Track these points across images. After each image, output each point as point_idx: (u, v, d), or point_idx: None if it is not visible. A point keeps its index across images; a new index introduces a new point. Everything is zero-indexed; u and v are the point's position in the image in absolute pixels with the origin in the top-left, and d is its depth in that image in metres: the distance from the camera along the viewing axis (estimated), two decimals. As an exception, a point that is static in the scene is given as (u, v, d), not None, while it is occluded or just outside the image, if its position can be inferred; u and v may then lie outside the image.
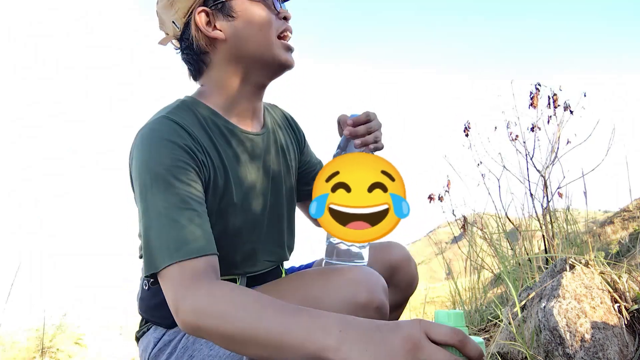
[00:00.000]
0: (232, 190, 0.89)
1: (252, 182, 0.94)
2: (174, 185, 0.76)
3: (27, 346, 6.00)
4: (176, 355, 0.85)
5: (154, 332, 0.92)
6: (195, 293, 0.68)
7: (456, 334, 0.53)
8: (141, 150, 0.80)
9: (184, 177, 0.77)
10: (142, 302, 0.96)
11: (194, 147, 0.81)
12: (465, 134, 2.76)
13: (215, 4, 0.88)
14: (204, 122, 0.88)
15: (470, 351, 0.53)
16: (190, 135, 0.83)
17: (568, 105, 2.43)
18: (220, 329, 0.64)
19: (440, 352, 0.52)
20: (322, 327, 0.58)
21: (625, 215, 4.89)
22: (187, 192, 0.77)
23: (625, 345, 1.06)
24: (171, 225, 0.73)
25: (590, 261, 1.25)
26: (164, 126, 0.82)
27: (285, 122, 1.11)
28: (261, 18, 0.88)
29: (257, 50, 0.89)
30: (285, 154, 1.05)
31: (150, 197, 0.76)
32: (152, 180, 0.76)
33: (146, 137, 0.81)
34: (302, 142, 1.15)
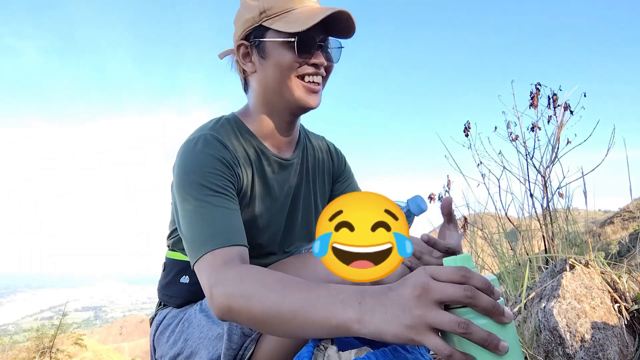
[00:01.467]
0: (255, 201, 1.01)
1: (271, 198, 1.05)
2: (209, 188, 0.86)
3: (27, 346, 6.00)
4: (174, 338, 0.96)
5: (159, 315, 1.04)
6: (225, 276, 0.74)
7: (460, 269, 0.54)
8: (183, 159, 0.92)
9: (219, 182, 0.89)
10: (159, 284, 1.10)
11: (231, 161, 0.94)
12: (465, 134, 2.76)
13: (254, 41, 0.99)
14: (242, 140, 1.01)
15: (477, 282, 0.54)
16: (229, 150, 0.95)
17: (568, 105, 2.43)
18: (248, 308, 0.69)
19: (450, 287, 0.53)
20: (342, 300, 0.61)
21: (625, 215, 4.89)
22: (221, 194, 0.87)
23: (625, 345, 1.06)
24: (206, 222, 0.83)
25: (590, 261, 1.25)
26: (205, 140, 0.94)
27: (326, 153, 1.23)
28: (285, 61, 0.96)
29: (277, 89, 0.99)
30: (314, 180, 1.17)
31: (189, 199, 0.86)
32: (192, 185, 0.87)
33: (189, 148, 0.93)
34: (338, 172, 1.25)
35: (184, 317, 0.99)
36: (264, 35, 0.97)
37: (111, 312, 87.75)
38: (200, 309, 0.96)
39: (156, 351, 1.02)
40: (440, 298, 0.53)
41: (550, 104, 2.46)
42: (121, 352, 6.23)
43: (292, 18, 0.94)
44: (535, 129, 2.50)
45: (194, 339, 0.93)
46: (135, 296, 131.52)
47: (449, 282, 0.54)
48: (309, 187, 1.15)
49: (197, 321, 0.95)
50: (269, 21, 0.95)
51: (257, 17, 0.96)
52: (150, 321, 1.10)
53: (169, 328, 1.00)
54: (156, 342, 1.03)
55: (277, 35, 0.95)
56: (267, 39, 0.97)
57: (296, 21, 0.93)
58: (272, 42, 0.96)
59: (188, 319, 0.97)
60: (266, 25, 0.96)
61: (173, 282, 1.03)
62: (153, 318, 1.09)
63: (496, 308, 0.53)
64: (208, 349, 0.90)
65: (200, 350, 0.91)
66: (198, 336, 0.92)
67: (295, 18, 0.93)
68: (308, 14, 0.93)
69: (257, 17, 0.96)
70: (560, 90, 2.46)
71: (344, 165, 1.26)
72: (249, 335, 0.86)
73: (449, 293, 0.53)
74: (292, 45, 0.94)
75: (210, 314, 0.94)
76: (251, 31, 0.99)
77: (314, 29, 0.92)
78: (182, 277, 1.02)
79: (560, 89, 2.46)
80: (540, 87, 2.50)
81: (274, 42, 0.96)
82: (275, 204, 1.05)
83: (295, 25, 0.92)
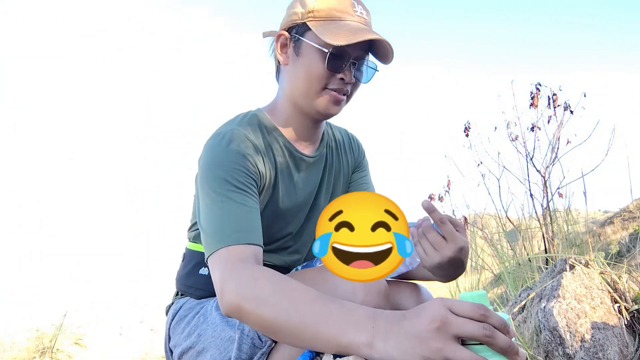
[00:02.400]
0: (278, 197, 1.02)
1: (295, 195, 1.06)
2: (232, 184, 0.88)
3: (27, 346, 6.00)
4: (188, 330, 0.97)
5: (176, 304, 1.05)
6: (239, 276, 0.74)
7: (479, 307, 0.55)
8: (209, 153, 0.93)
9: (242, 179, 0.90)
10: (178, 274, 1.11)
11: (255, 157, 0.95)
12: (466, 134, 2.76)
13: (294, 35, 0.99)
14: (268, 137, 1.02)
15: (495, 322, 0.54)
16: (254, 146, 0.96)
17: (568, 105, 2.43)
18: (258, 313, 0.69)
19: (469, 323, 0.54)
20: (355, 322, 0.61)
21: (625, 215, 4.90)
22: (243, 191, 0.88)
23: (625, 345, 1.06)
24: (225, 217, 0.84)
25: (590, 261, 1.25)
26: (232, 136, 0.95)
27: (348, 143, 1.23)
28: (315, 70, 0.96)
29: (302, 90, 0.99)
30: (336, 175, 1.18)
31: (211, 193, 0.88)
32: (215, 179, 0.88)
33: (216, 143, 0.94)
34: (357, 162, 1.26)
35: (200, 310, 0.99)
36: (304, 35, 0.97)
37: (111, 312, 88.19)
38: (216, 306, 0.96)
39: (171, 340, 1.03)
40: (460, 333, 0.53)
41: (550, 104, 2.46)
42: (121, 352, 6.24)
43: (334, 28, 0.94)
44: (535, 129, 2.50)
45: (207, 336, 0.93)
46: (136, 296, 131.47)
47: (468, 317, 0.54)
48: (330, 183, 1.16)
49: (212, 319, 0.95)
50: (313, 22, 0.96)
51: (305, 14, 0.97)
52: (166, 310, 1.11)
53: (185, 319, 1.00)
54: (172, 331, 1.04)
55: (315, 40, 0.95)
56: (306, 39, 0.97)
57: (337, 34, 0.93)
58: (308, 43, 0.96)
59: (204, 314, 0.97)
60: (309, 25, 0.96)
61: (192, 272, 1.04)
62: (169, 307, 1.10)
63: (512, 347, 0.54)
64: (219, 349, 0.90)
65: (211, 349, 0.91)
66: (211, 334, 0.93)
67: (338, 30, 0.94)
68: (351, 29, 0.93)
69: (305, 14, 0.97)
70: (561, 90, 2.46)
71: (362, 157, 1.27)
72: (259, 347, 0.86)
73: (469, 330, 0.53)
74: (325, 55, 0.94)
75: None
76: (295, 25, 0.99)
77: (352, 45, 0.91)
78: (201, 269, 1.03)
79: (560, 89, 2.46)
80: (540, 87, 2.50)
81: (310, 45, 0.96)
82: (299, 201, 1.07)
83: (335, 37, 0.92)
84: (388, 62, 1.00)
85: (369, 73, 1.03)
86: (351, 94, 1.02)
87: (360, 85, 1.03)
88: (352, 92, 1.02)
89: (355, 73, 0.99)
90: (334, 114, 1.01)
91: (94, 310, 7.97)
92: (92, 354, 6.38)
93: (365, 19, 0.99)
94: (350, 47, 0.93)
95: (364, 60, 0.99)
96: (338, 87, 0.97)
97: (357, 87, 1.03)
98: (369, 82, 1.04)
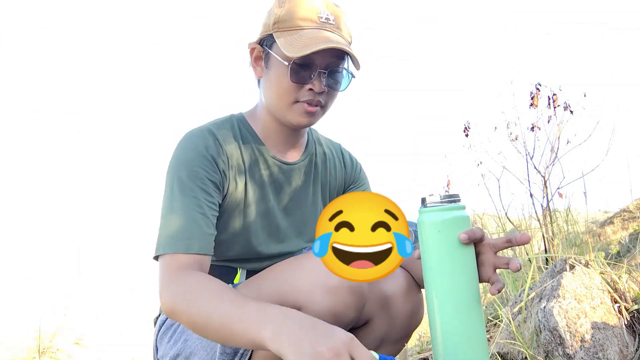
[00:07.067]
0: (250, 207, 1.01)
1: (269, 203, 1.04)
2: (192, 190, 0.88)
3: (27, 346, 6.00)
4: (175, 338, 0.98)
5: (162, 316, 1.06)
6: (176, 282, 0.81)
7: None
8: (177, 153, 0.94)
9: (204, 184, 0.90)
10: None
11: (222, 161, 0.94)
12: (465, 134, 2.76)
13: (265, 47, 0.97)
14: (242, 142, 1.00)
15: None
16: (223, 149, 0.95)
17: (568, 105, 2.43)
18: (187, 314, 0.77)
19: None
20: (266, 318, 0.67)
21: (625, 215, 4.89)
22: (202, 198, 0.89)
23: (625, 346, 1.06)
24: (178, 222, 0.85)
25: (590, 261, 1.25)
26: (202, 137, 0.94)
27: (339, 159, 1.20)
28: (282, 84, 0.94)
29: (273, 107, 0.98)
30: (324, 186, 1.15)
31: (170, 194, 0.89)
32: (177, 181, 0.89)
33: (185, 143, 0.95)
34: (352, 178, 1.22)
35: None
36: (272, 47, 0.95)
37: (111, 312, 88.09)
38: None
39: (158, 351, 1.03)
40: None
41: (550, 104, 2.46)
42: (121, 352, 6.23)
43: (295, 39, 0.90)
44: (535, 129, 2.50)
45: (193, 340, 0.94)
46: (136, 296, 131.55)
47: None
48: (316, 193, 1.12)
49: None
50: (278, 33, 0.92)
51: (271, 25, 0.94)
52: (154, 321, 1.11)
53: (171, 328, 1.01)
54: (159, 342, 1.04)
55: (278, 52, 0.92)
56: (273, 51, 0.94)
57: (294, 45, 0.89)
58: (274, 56, 0.93)
59: None
60: (274, 37, 0.93)
61: None
62: (157, 318, 1.10)
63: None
64: (207, 350, 0.91)
65: (199, 351, 0.92)
66: (197, 338, 0.93)
67: (297, 40, 0.89)
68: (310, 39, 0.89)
69: (271, 25, 0.94)
70: (560, 90, 2.46)
71: (359, 172, 1.23)
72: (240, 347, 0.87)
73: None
74: (287, 68, 0.91)
75: None
76: (265, 37, 0.96)
77: (318, 53, 0.87)
78: None
79: (560, 89, 2.46)
80: (540, 87, 2.50)
81: (276, 57, 0.93)
82: (271, 208, 1.04)
83: (291, 49, 0.88)
84: (358, 68, 0.95)
85: (346, 80, 0.98)
86: (327, 104, 0.97)
87: (336, 93, 0.98)
88: (328, 101, 0.98)
89: (328, 81, 0.94)
90: (307, 125, 0.98)
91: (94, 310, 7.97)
92: (92, 354, 6.38)
93: (332, 24, 0.93)
94: (318, 56, 0.89)
95: (339, 67, 0.94)
96: (308, 98, 0.93)
97: (333, 96, 0.98)
98: (346, 89, 0.99)
